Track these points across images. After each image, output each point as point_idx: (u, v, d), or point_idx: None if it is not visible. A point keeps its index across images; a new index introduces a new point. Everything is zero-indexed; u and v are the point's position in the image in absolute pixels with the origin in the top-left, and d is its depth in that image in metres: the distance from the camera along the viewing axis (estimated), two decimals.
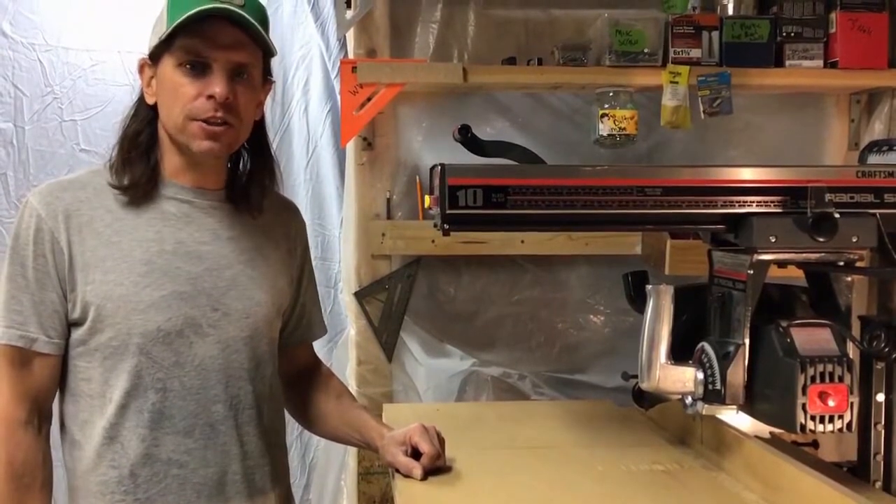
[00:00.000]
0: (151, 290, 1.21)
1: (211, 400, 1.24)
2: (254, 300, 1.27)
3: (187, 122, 1.20)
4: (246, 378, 1.27)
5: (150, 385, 1.21)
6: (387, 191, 1.97)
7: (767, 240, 1.20)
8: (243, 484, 1.26)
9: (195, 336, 1.23)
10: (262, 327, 1.29)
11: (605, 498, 1.20)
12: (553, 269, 2.04)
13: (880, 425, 1.29)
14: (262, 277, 1.29)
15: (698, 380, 1.25)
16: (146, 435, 1.21)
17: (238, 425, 1.26)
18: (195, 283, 1.23)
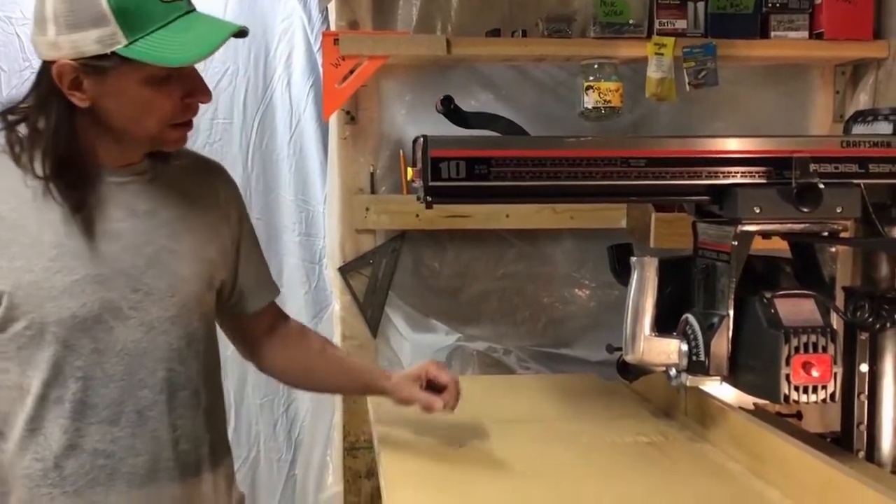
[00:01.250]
0: (63, 275, 1.12)
1: (136, 385, 1.17)
2: (178, 276, 1.18)
3: (165, 130, 1.14)
4: (177, 359, 1.19)
5: (70, 374, 1.14)
6: (370, 165, 1.95)
7: (752, 211, 1.20)
8: (177, 469, 1.20)
9: (115, 321, 1.14)
10: (191, 304, 1.20)
11: (589, 470, 1.20)
12: (538, 243, 2.03)
13: (864, 396, 1.29)
14: (188, 250, 1.20)
15: (682, 351, 1.25)
16: (68, 426, 1.15)
17: (170, 409, 1.19)
18: (111, 264, 1.14)
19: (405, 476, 1.19)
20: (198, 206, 1.24)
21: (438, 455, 1.28)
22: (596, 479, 1.17)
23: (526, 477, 1.18)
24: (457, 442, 1.33)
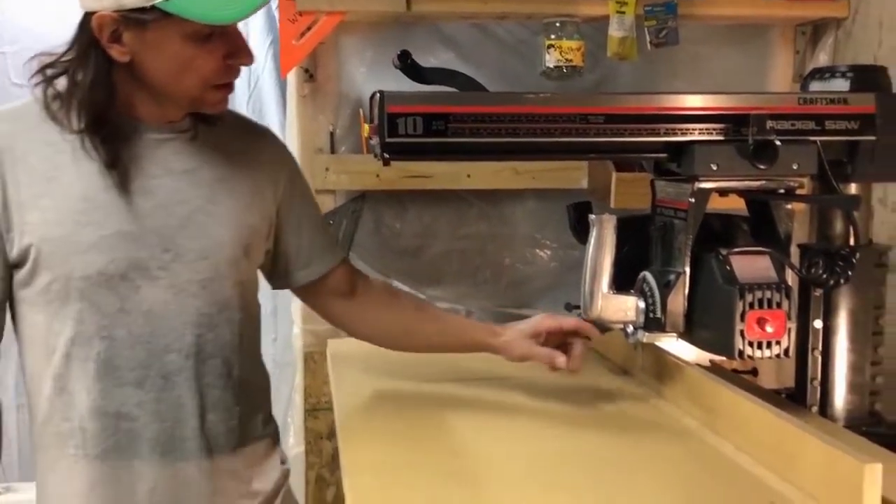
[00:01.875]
0: (92, 230, 1.10)
1: (163, 349, 1.14)
2: (213, 239, 1.16)
3: (207, 91, 1.12)
4: (206, 325, 1.16)
5: (95, 333, 1.12)
6: (330, 124, 1.92)
7: (709, 168, 1.20)
8: (202, 440, 1.17)
9: (143, 280, 1.12)
10: (225, 269, 1.17)
11: (543, 428, 1.21)
12: (499, 203, 2.03)
13: (817, 351, 1.31)
14: (226, 214, 1.17)
15: (639, 309, 1.25)
16: (92, 386, 1.13)
17: (197, 376, 1.16)
18: (142, 221, 1.12)
19: (362, 431, 1.19)
20: (240, 169, 1.21)
21: (395, 414, 1.28)
22: (549, 436, 1.17)
23: (480, 434, 1.18)
24: (415, 400, 1.33)
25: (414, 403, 1.33)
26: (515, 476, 1.03)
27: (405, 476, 1.02)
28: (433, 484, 0.99)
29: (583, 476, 1.03)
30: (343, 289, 1.34)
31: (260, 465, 1.26)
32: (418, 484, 0.99)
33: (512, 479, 1.02)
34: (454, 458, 1.08)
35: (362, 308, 1.34)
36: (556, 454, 1.11)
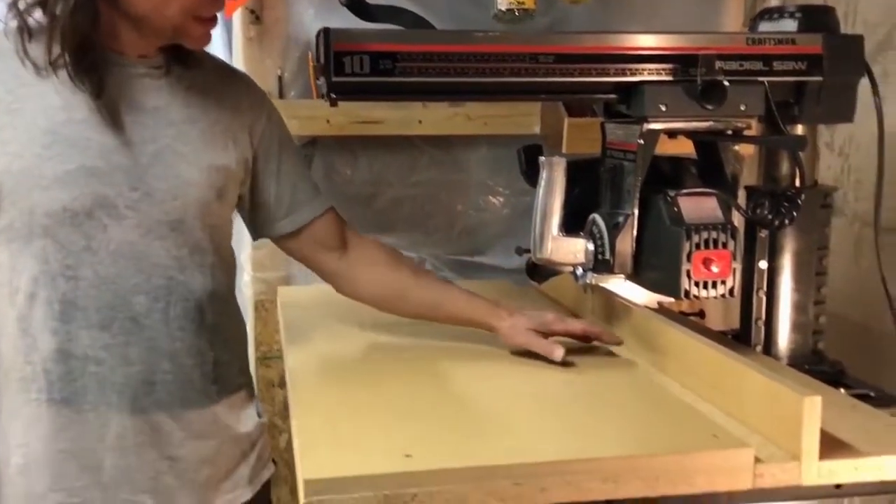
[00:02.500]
0: (55, 164, 1.06)
1: (131, 291, 1.12)
2: (183, 179, 1.13)
3: (190, 21, 1.09)
4: (176, 268, 1.14)
5: (59, 272, 1.09)
6: (278, 68, 1.88)
7: (658, 108, 1.20)
8: (175, 385, 1.15)
9: (109, 218, 1.09)
10: (195, 211, 1.14)
11: (491, 368, 1.21)
12: (452, 150, 2.01)
13: (762, 291, 1.33)
14: (196, 155, 1.15)
15: (588, 251, 1.26)
16: (58, 328, 1.10)
17: (167, 320, 1.14)
18: (109, 157, 1.09)
19: (312, 376, 1.18)
20: (214, 111, 1.18)
21: (346, 360, 1.28)
22: (497, 377, 1.18)
23: (430, 376, 1.18)
24: (366, 345, 1.33)
25: (364, 348, 1.32)
26: (463, 413, 1.03)
27: (353, 416, 1.01)
28: (382, 422, 0.99)
29: (530, 414, 1.04)
30: (331, 242, 1.31)
31: (235, 415, 1.24)
32: (367, 423, 0.99)
33: (460, 416, 1.02)
34: (403, 399, 1.08)
35: (354, 265, 1.31)
36: (505, 393, 1.12)
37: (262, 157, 1.25)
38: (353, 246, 1.33)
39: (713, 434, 0.95)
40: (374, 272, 1.32)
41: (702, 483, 0.90)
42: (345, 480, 0.84)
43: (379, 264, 1.32)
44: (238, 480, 1.24)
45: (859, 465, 0.95)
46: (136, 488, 1.16)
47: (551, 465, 0.88)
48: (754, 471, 0.91)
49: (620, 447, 0.92)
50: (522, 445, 0.92)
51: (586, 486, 0.88)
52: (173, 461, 1.17)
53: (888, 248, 1.64)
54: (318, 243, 1.30)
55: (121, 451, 1.14)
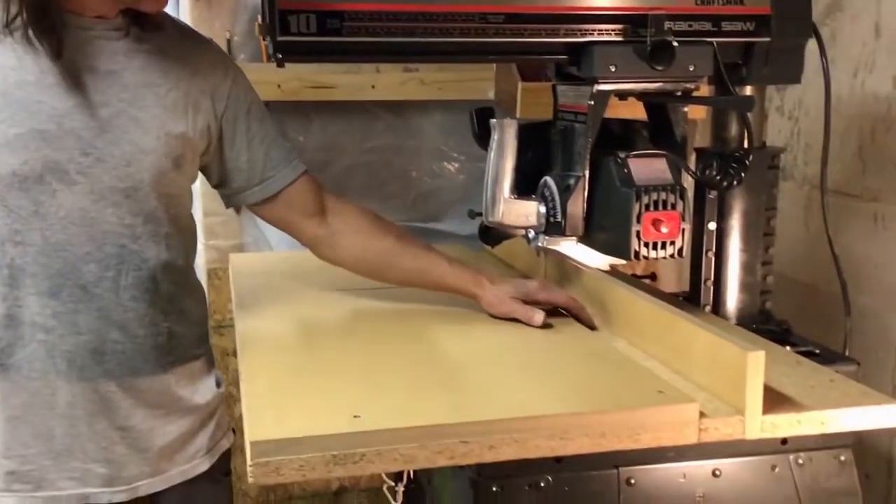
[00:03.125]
0: (6, 128, 1.04)
1: (81, 258, 1.10)
2: (137, 146, 1.10)
3: None
4: (129, 236, 1.12)
5: (8, 237, 1.07)
6: (227, 31, 1.84)
7: (608, 69, 1.19)
8: (124, 356, 1.13)
9: (59, 184, 1.07)
10: (149, 179, 1.11)
11: (445, 328, 1.21)
12: (406, 115, 2.00)
13: (711, 252, 1.35)
14: (152, 120, 1.11)
15: (540, 213, 1.26)
16: (7, 294, 1.08)
17: (119, 289, 1.12)
18: (60, 121, 1.06)
19: (263, 342, 1.17)
20: (174, 77, 1.14)
21: (296, 322, 1.27)
22: (450, 335, 1.18)
23: (383, 338, 1.18)
24: (318, 311, 1.32)
25: (314, 313, 1.31)
26: (412, 374, 1.03)
27: (302, 379, 1.01)
28: (331, 384, 0.99)
29: (477, 374, 1.04)
30: (308, 208, 1.27)
31: (190, 386, 1.22)
32: (315, 385, 0.99)
33: (409, 377, 1.02)
34: (352, 361, 1.08)
35: (336, 232, 1.28)
36: (452, 353, 1.12)
37: (229, 124, 1.21)
38: (334, 212, 1.29)
39: (659, 390, 0.96)
40: (357, 239, 1.29)
41: (648, 439, 0.91)
42: (292, 441, 0.83)
43: (362, 232, 1.29)
44: (195, 451, 1.23)
45: (802, 418, 0.96)
46: (87, 457, 1.14)
47: (499, 424, 0.88)
48: (699, 425, 0.92)
49: (567, 405, 0.92)
50: (470, 404, 0.93)
51: (533, 444, 0.89)
52: (125, 431, 1.16)
53: (835, 209, 1.67)
54: (294, 209, 1.27)
55: (71, 420, 1.13)
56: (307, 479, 0.84)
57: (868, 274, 1.64)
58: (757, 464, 1.10)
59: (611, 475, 1.07)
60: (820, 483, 1.12)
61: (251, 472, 0.82)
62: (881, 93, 1.60)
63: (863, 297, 1.63)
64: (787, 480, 1.11)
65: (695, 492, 1.08)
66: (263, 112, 1.27)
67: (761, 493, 1.10)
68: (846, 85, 1.67)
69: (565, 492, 1.06)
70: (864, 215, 1.65)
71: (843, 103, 1.66)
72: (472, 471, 1.06)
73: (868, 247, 1.64)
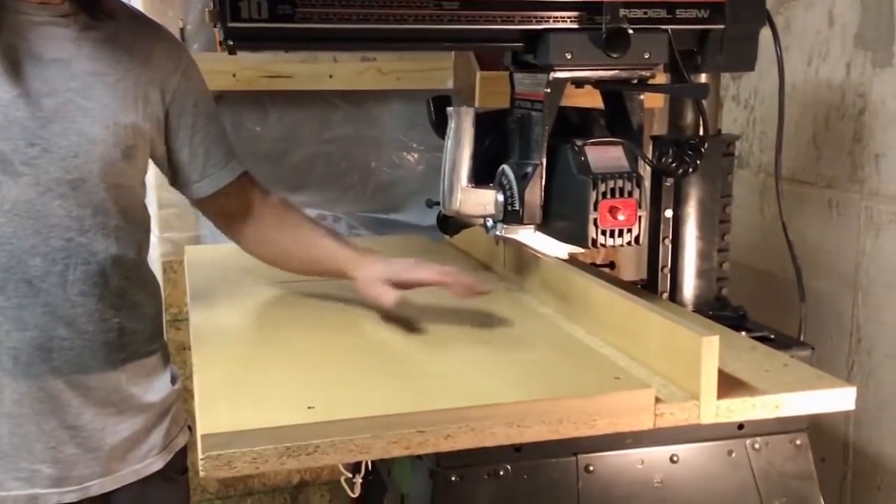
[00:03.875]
0: None
1: (26, 252, 1.07)
2: (85, 136, 1.07)
3: None
4: (77, 230, 1.09)
5: None
6: (179, 19, 1.81)
7: (563, 57, 1.19)
8: (75, 353, 1.11)
9: (4, 175, 1.04)
10: (98, 170, 1.09)
11: (402, 319, 1.20)
12: (365, 105, 1.98)
13: (668, 240, 1.36)
14: (101, 110, 1.09)
15: (498, 202, 1.25)
16: None
17: (66, 283, 1.09)
18: (5, 111, 1.03)
19: (212, 332, 1.15)
20: (124, 65, 1.11)
21: (249, 313, 1.25)
22: (401, 327, 1.17)
23: (333, 329, 1.16)
24: (269, 301, 1.30)
25: (269, 305, 1.30)
26: (367, 364, 1.02)
27: (256, 371, 0.99)
28: (285, 376, 0.98)
29: (433, 363, 1.04)
30: (243, 205, 1.27)
31: (145, 383, 1.20)
32: (269, 377, 0.97)
33: (364, 367, 1.01)
34: (307, 352, 1.07)
35: (262, 227, 1.28)
36: (409, 343, 1.11)
37: (175, 116, 1.19)
38: (262, 207, 1.28)
39: (615, 376, 0.96)
40: (266, 232, 1.28)
41: (604, 425, 0.92)
42: (244, 434, 0.82)
43: (272, 226, 1.28)
44: (149, 449, 1.21)
45: (756, 402, 0.97)
46: (35, 458, 1.12)
47: (455, 412, 0.87)
48: (655, 411, 0.93)
49: (523, 392, 0.92)
50: (426, 393, 0.92)
51: (490, 432, 0.88)
52: (75, 430, 1.13)
53: (790, 197, 1.69)
54: (230, 206, 1.27)
55: (18, 419, 1.10)
56: (260, 471, 0.83)
57: (822, 260, 1.66)
58: (714, 449, 1.11)
59: (569, 462, 1.06)
60: (776, 467, 1.13)
61: (202, 465, 0.81)
62: (835, 80, 1.62)
63: (817, 283, 1.65)
64: (744, 465, 1.12)
65: (653, 478, 1.09)
66: (211, 108, 1.25)
67: (718, 477, 1.11)
68: (800, 73, 1.68)
69: (524, 480, 1.05)
70: (819, 202, 1.67)
71: (798, 91, 1.68)
72: (430, 461, 1.05)
73: (822, 233, 1.66)
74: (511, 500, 1.04)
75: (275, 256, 1.30)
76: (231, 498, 1.98)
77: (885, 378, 1.54)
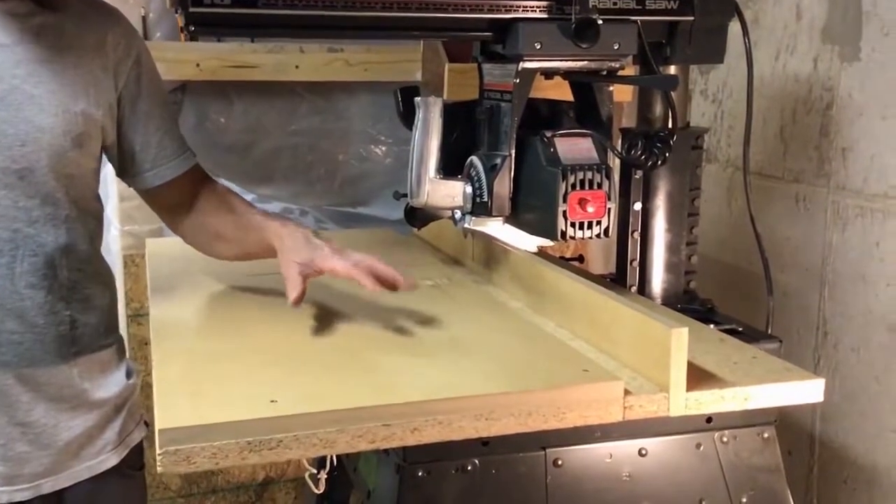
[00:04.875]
0: None
1: None
2: (33, 124, 1.04)
3: None
4: (25, 220, 1.06)
5: None
6: (141, 7, 1.78)
7: (533, 47, 1.17)
8: (24, 346, 1.07)
9: None
10: (47, 160, 1.06)
11: (368, 311, 1.18)
12: (332, 97, 1.95)
13: (637, 233, 1.35)
14: (49, 98, 1.05)
15: (467, 193, 1.24)
16: None
17: (14, 275, 1.06)
18: None
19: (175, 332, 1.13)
20: (73, 51, 1.08)
21: (209, 307, 1.22)
22: (376, 317, 1.15)
23: (296, 322, 1.14)
24: (232, 294, 1.28)
25: (231, 298, 1.27)
26: (332, 357, 1.00)
27: (217, 364, 0.97)
28: (247, 370, 0.95)
29: (400, 356, 1.02)
30: (190, 196, 1.24)
31: (99, 378, 1.16)
32: (231, 371, 0.95)
33: (328, 360, 0.99)
34: (269, 346, 1.04)
35: (199, 215, 1.25)
36: (376, 336, 1.09)
37: (128, 102, 1.16)
38: (207, 197, 1.26)
39: (584, 369, 0.95)
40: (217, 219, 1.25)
41: (573, 417, 0.90)
42: (203, 428, 0.80)
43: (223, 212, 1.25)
44: (103, 445, 1.17)
45: (725, 394, 0.97)
46: None
47: (421, 405, 0.86)
48: (624, 403, 0.92)
49: (491, 385, 0.91)
50: (393, 387, 0.90)
51: (458, 425, 0.87)
52: (26, 427, 1.09)
53: (758, 191, 1.69)
54: (179, 197, 1.24)
55: None
56: (221, 466, 0.81)
57: (789, 254, 1.67)
58: (682, 442, 1.10)
59: (538, 457, 1.05)
60: (744, 460, 1.13)
61: (160, 460, 0.78)
62: (802, 74, 1.63)
63: (785, 276, 1.66)
64: (712, 458, 1.12)
65: (621, 471, 1.08)
66: (164, 97, 1.22)
67: (687, 470, 1.10)
68: (768, 67, 1.69)
69: (493, 475, 1.04)
70: (786, 196, 1.68)
71: (766, 84, 1.69)
72: (397, 456, 1.03)
73: (790, 227, 1.67)
74: (479, 495, 1.03)
75: (211, 241, 1.27)
76: (194, 496, 1.94)
77: (850, 372, 1.55)
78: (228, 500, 1.97)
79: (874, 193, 1.49)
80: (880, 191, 1.48)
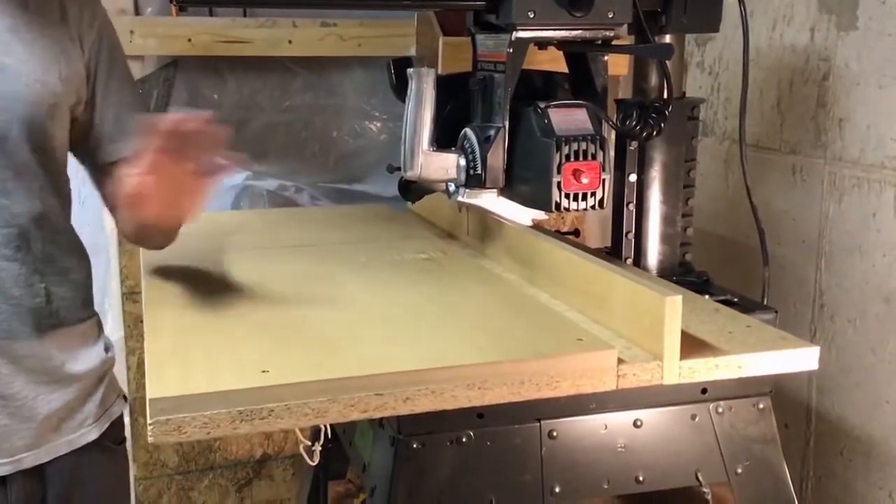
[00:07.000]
0: None
1: None
2: (6, 94, 1.04)
3: None
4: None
5: None
6: None
7: (526, 16, 1.16)
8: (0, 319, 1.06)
9: None
10: (19, 130, 1.04)
11: (364, 284, 1.18)
12: (325, 72, 1.93)
13: (632, 205, 1.34)
14: (21, 68, 1.04)
15: (460, 166, 1.23)
16: None
17: None
18: None
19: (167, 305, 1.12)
20: (38, 20, 1.06)
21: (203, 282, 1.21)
22: (370, 290, 1.15)
23: (287, 293, 1.13)
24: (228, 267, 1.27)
25: (222, 271, 1.26)
26: (324, 327, 0.99)
27: (208, 335, 0.96)
28: (239, 340, 0.95)
29: (393, 326, 1.01)
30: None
31: (76, 351, 1.15)
32: (222, 341, 0.94)
33: (320, 330, 0.98)
34: (261, 317, 1.04)
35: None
36: (368, 307, 1.09)
37: (93, 72, 1.14)
38: None
39: (578, 338, 0.94)
40: None
41: (567, 386, 0.90)
42: (194, 398, 0.79)
43: None
44: (83, 419, 1.16)
45: (719, 363, 0.96)
46: None
47: (414, 374, 0.85)
48: (617, 372, 0.91)
49: (485, 354, 0.90)
50: (385, 357, 0.90)
51: (451, 394, 0.86)
52: (6, 400, 1.08)
53: (754, 163, 1.68)
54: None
55: None
56: (212, 436, 0.80)
57: (786, 226, 1.66)
58: (677, 413, 1.10)
59: (533, 428, 1.05)
60: (739, 431, 1.12)
61: (151, 430, 0.78)
62: (799, 45, 1.61)
63: (781, 249, 1.65)
64: (707, 429, 1.11)
65: (616, 442, 1.08)
66: (125, 71, 1.20)
67: (682, 441, 1.10)
68: (765, 37, 1.67)
69: (487, 446, 1.04)
70: (782, 168, 1.67)
71: (762, 55, 1.67)
72: (392, 428, 1.03)
73: (786, 199, 1.66)
74: (474, 466, 1.03)
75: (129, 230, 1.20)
76: (192, 472, 1.94)
77: (847, 344, 1.55)
78: (226, 477, 1.97)
79: (870, 164, 1.48)
80: (877, 161, 1.47)
